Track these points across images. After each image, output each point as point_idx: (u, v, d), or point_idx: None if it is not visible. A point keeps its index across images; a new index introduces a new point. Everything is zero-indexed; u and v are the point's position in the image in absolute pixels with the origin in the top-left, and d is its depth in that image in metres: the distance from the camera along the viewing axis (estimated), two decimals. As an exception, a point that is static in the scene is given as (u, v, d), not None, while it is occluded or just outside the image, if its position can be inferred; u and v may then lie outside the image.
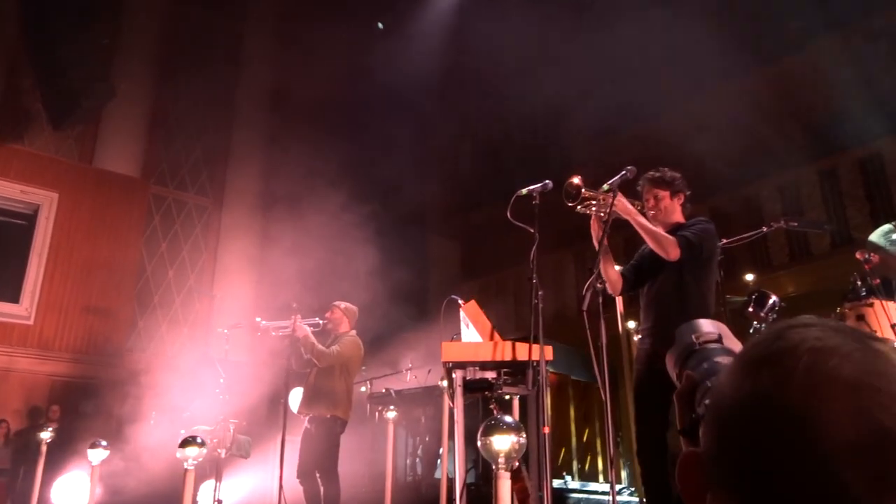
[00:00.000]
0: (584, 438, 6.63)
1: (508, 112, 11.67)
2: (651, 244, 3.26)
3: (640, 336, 3.48)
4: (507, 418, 2.19)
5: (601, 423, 6.60)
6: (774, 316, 5.24)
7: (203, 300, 10.43)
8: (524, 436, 2.16)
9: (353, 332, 5.70)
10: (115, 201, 9.88)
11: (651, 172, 3.47)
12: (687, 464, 0.66)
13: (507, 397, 3.91)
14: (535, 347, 3.20)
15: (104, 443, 4.76)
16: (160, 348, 10.08)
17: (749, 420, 0.58)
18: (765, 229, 5.17)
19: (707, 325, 0.90)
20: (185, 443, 3.95)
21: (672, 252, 3.20)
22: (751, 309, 5.25)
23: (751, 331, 5.19)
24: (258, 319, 5.48)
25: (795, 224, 5.48)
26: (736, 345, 0.89)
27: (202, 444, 3.96)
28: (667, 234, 3.27)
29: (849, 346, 0.58)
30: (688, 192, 3.52)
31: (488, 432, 2.11)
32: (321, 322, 5.63)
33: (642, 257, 3.51)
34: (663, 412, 3.12)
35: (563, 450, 6.44)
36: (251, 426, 7.40)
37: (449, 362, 3.40)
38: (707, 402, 0.68)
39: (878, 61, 7.97)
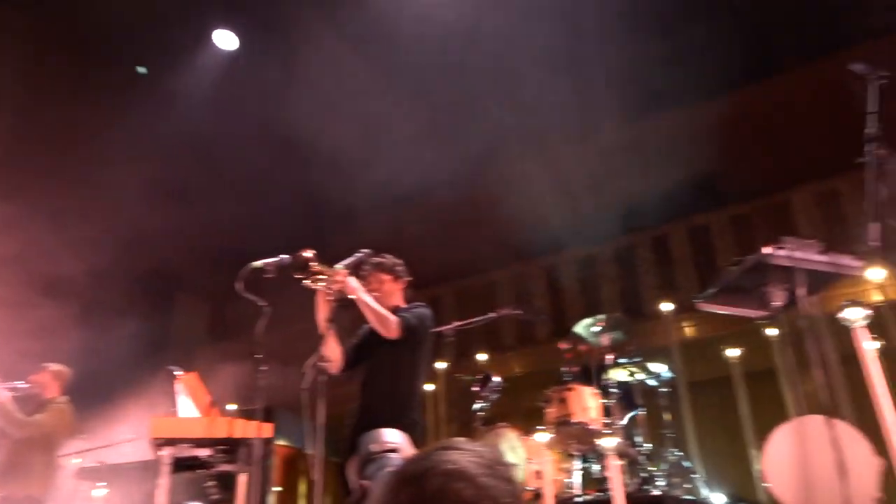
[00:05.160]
0: (316, 515, 6.53)
1: (284, 168, 11.41)
2: (373, 321, 3.38)
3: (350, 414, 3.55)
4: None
5: (333, 499, 6.55)
6: (497, 395, 5.77)
7: None
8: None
9: (65, 399, 5.19)
10: None
11: (375, 258, 3.68)
12: None
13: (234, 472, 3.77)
14: (255, 424, 3.15)
15: None
16: None
17: None
18: (493, 314, 5.75)
19: (388, 435, 0.99)
20: None
21: (392, 330, 3.34)
22: (477, 388, 5.74)
23: (475, 406, 5.63)
24: None
25: (517, 312, 6.17)
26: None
27: None
28: (389, 314, 3.43)
29: (476, 471, 0.69)
30: (408, 279, 3.79)
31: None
32: (24, 385, 5.06)
33: (363, 336, 3.66)
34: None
35: (294, 527, 6.28)
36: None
37: (159, 439, 3.20)
38: None
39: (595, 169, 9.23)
